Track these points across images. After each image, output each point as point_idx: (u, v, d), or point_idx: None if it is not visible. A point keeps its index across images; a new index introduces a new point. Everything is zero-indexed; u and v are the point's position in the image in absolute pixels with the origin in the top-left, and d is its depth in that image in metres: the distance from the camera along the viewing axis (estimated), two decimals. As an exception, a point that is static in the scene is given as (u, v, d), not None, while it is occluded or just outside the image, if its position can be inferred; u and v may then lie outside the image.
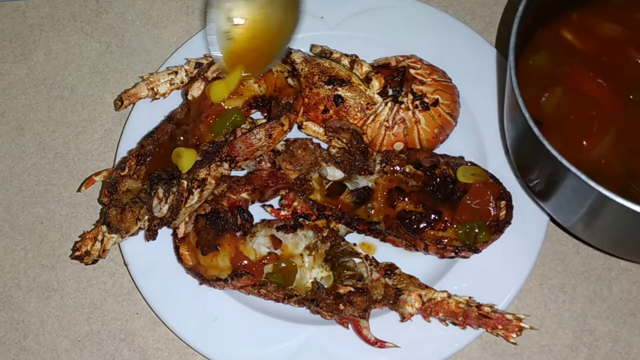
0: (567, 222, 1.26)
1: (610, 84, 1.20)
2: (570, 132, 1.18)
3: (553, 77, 1.22)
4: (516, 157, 1.28)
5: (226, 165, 1.35)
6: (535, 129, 1.07)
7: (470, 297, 1.28)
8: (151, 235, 1.33)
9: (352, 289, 1.28)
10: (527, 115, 1.08)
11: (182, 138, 1.37)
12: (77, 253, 1.34)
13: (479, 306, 1.26)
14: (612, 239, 1.23)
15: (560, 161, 1.05)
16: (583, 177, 1.04)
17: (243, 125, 1.36)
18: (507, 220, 1.32)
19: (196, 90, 1.39)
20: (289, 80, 1.39)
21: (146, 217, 1.32)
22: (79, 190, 1.49)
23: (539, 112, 1.17)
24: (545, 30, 1.26)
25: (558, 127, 1.18)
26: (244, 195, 1.39)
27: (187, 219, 1.36)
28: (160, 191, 1.31)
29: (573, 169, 1.04)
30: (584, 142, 1.17)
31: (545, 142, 1.06)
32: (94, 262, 1.35)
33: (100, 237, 1.33)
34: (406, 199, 1.33)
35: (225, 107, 1.38)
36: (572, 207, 1.17)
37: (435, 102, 1.38)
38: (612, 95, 1.20)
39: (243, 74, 1.37)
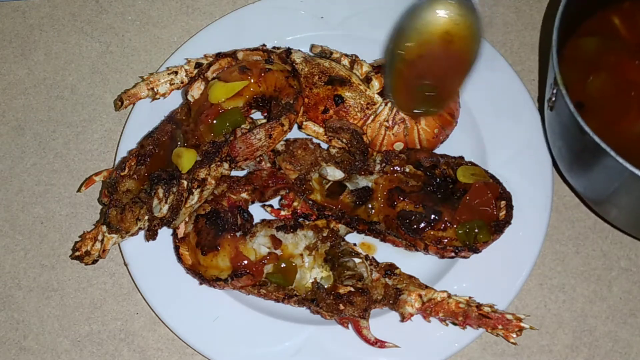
0: (598, 200, 1.33)
1: None
2: (610, 114, 1.23)
3: (599, 62, 1.27)
4: (556, 145, 1.33)
5: (226, 165, 1.35)
6: (572, 107, 1.12)
7: (470, 297, 1.28)
8: (151, 235, 1.33)
9: (352, 289, 1.28)
10: (567, 97, 1.14)
11: (182, 138, 1.37)
12: (77, 253, 1.34)
13: (479, 306, 1.26)
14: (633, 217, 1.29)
15: (594, 139, 1.10)
16: (613, 154, 1.09)
17: (243, 126, 1.36)
18: (507, 220, 1.32)
19: (196, 90, 1.39)
20: (289, 81, 1.39)
21: (146, 217, 1.32)
22: (79, 190, 1.49)
23: (582, 94, 1.23)
24: (597, 15, 1.30)
25: (599, 109, 1.23)
26: (244, 195, 1.39)
27: (187, 219, 1.36)
28: (160, 191, 1.31)
29: (606, 146, 1.09)
30: (622, 124, 1.22)
31: (581, 121, 1.12)
32: (94, 262, 1.35)
33: (100, 237, 1.33)
34: (406, 199, 1.33)
35: (226, 107, 1.38)
36: (604, 186, 1.23)
37: None
38: None
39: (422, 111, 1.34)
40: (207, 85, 1.39)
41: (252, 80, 1.39)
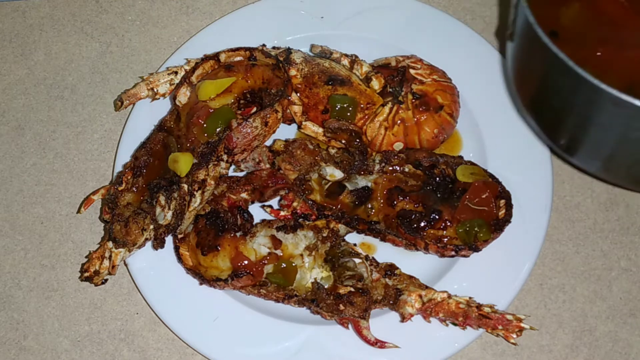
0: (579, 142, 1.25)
1: (633, 5, 1.21)
2: (585, 43, 1.19)
3: None
4: (524, 82, 1.28)
5: (224, 164, 1.35)
6: (543, 36, 1.09)
7: (470, 298, 1.28)
8: (159, 243, 1.32)
9: (352, 289, 1.28)
10: (535, 25, 1.10)
11: (175, 144, 1.36)
12: (86, 274, 1.32)
13: (479, 306, 1.26)
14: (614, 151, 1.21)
15: (568, 64, 1.06)
16: (587, 75, 1.04)
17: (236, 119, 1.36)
18: (507, 219, 1.32)
19: (182, 96, 1.39)
20: (275, 72, 1.39)
21: (151, 227, 1.31)
22: (78, 211, 1.48)
23: (555, 23, 1.17)
24: None
25: (573, 39, 1.18)
26: (244, 195, 1.39)
27: (187, 220, 1.36)
28: (162, 198, 1.30)
29: (579, 69, 1.05)
30: (598, 53, 1.18)
31: (554, 47, 1.08)
32: (104, 282, 1.35)
33: (107, 255, 1.32)
34: (406, 199, 1.33)
35: (215, 106, 1.37)
36: (583, 123, 1.17)
37: (440, 108, 1.38)
38: (633, 16, 1.20)
39: None
40: (192, 89, 1.39)
41: (239, 77, 1.39)
